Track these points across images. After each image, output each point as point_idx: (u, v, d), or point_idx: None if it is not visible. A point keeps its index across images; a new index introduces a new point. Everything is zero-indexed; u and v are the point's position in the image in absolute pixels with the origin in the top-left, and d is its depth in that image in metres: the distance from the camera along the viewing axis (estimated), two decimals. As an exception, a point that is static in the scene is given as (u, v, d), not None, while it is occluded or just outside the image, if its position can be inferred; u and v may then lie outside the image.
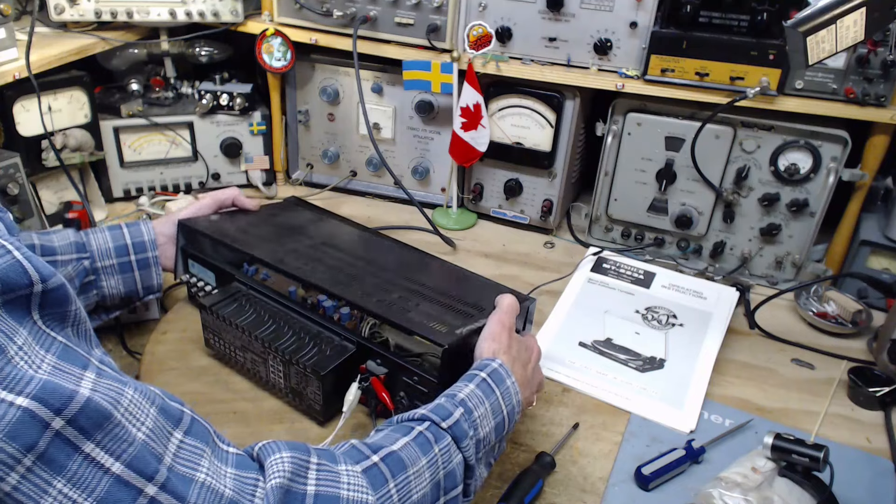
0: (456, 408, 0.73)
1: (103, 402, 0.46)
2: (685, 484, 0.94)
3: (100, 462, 0.46)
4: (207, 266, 1.10)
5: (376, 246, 1.21)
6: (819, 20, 0.87)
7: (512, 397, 0.80)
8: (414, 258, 1.18)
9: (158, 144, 1.57)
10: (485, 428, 0.74)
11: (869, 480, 0.97)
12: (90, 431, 0.45)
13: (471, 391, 0.76)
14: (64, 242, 0.99)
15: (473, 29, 1.39)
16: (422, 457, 0.67)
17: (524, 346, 0.90)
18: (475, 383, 0.77)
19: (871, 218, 1.38)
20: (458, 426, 0.71)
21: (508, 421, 0.79)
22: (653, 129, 1.38)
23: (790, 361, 1.21)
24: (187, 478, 0.50)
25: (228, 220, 1.18)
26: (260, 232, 1.15)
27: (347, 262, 1.08)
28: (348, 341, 0.94)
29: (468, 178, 1.61)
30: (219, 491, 0.51)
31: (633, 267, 1.38)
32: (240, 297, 1.01)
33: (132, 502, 0.46)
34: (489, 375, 0.79)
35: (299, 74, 1.61)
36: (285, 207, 1.31)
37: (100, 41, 1.46)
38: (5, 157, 1.29)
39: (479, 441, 0.73)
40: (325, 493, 0.57)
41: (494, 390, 0.78)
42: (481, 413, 0.75)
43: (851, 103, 1.25)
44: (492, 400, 0.77)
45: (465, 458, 0.71)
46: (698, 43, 1.27)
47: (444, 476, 0.68)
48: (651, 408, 1.07)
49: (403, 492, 0.63)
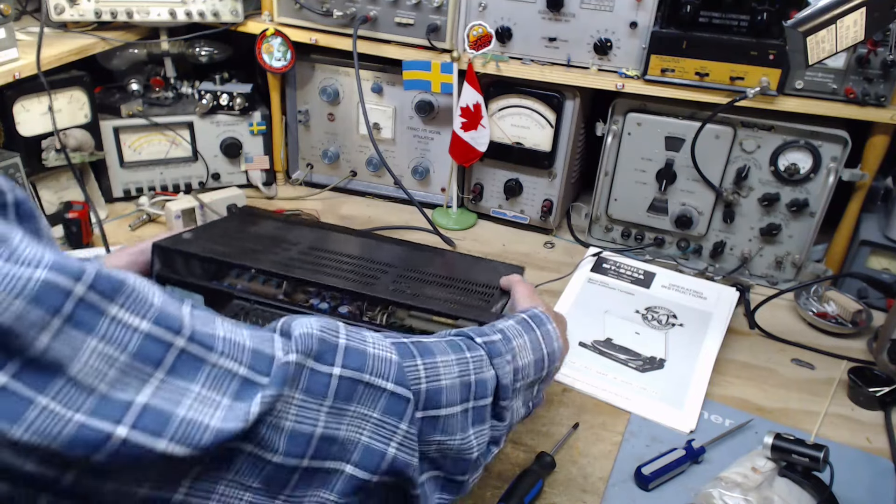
0: (494, 333, 0.73)
1: (113, 274, 0.48)
2: (685, 484, 0.94)
3: (127, 322, 0.47)
4: (193, 289, 1.02)
5: (367, 245, 1.21)
6: (819, 20, 0.87)
7: (553, 341, 0.79)
8: (407, 251, 1.19)
9: (158, 144, 1.57)
10: (524, 358, 0.74)
11: (869, 480, 0.97)
12: (111, 295, 0.47)
13: (511, 325, 0.76)
14: None
15: (473, 29, 1.39)
16: (451, 353, 0.67)
17: (553, 313, 0.89)
18: (515, 320, 0.77)
19: (871, 218, 1.38)
20: (494, 345, 0.71)
21: (549, 361, 0.78)
22: (653, 129, 1.38)
23: (790, 361, 1.21)
24: (209, 333, 0.51)
25: (204, 238, 1.08)
26: (244, 245, 1.09)
27: (350, 262, 1.08)
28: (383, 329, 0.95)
29: (468, 178, 1.61)
30: (239, 342, 0.53)
31: (633, 267, 1.38)
32: (243, 314, 0.98)
33: (164, 353, 0.48)
34: (530, 318, 0.79)
35: (299, 74, 1.61)
36: (245, 218, 1.23)
37: (100, 41, 1.46)
38: (5, 157, 1.29)
39: (516, 369, 0.72)
40: (354, 347, 0.59)
41: (535, 329, 0.77)
42: (520, 343, 0.74)
43: (851, 103, 1.25)
44: (531, 336, 0.76)
45: (497, 375, 0.70)
46: (698, 43, 1.27)
47: (476, 381, 0.67)
48: (651, 408, 1.07)
49: (431, 373, 0.63)
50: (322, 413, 0.55)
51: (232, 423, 0.49)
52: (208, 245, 1.06)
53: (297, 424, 0.53)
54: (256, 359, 0.52)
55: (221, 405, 0.49)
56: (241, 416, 0.49)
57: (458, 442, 0.65)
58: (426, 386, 0.63)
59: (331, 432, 0.56)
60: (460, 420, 0.66)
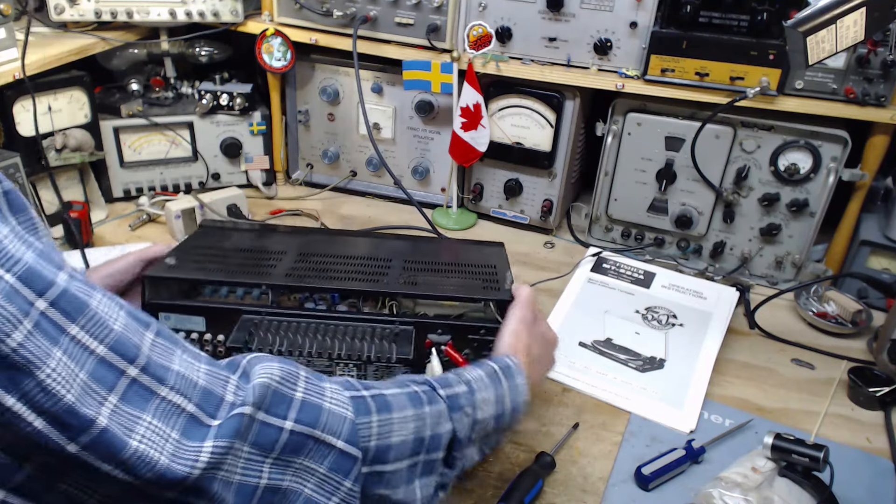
0: (460, 384, 0.74)
1: (79, 294, 0.49)
2: (685, 484, 0.94)
3: (85, 343, 0.49)
4: (193, 312, 0.98)
5: (354, 243, 1.22)
6: (819, 20, 0.87)
7: (519, 395, 0.79)
8: (401, 244, 1.21)
9: (158, 144, 1.57)
10: (485, 412, 0.74)
11: (869, 480, 0.97)
12: (73, 316, 0.48)
13: (479, 375, 0.77)
14: None
15: (473, 29, 1.39)
16: (409, 408, 0.67)
17: (544, 342, 0.90)
18: (485, 371, 0.78)
19: (871, 218, 1.38)
20: (456, 398, 0.72)
21: (511, 415, 0.79)
22: (653, 129, 1.38)
23: (790, 361, 1.21)
24: (164, 366, 0.53)
25: (187, 260, 1.04)
26: (234, 261, 1.06)
27: (350, 262, 1.08)
28: (404, 325, 0.95)
29: (468, 178, 1.61)
30: (192, 379, 0.54)
31: (633, 267, 1.38)
32: (256, 327, 0.96)
33: (116, 380, 0.50)
34: (501, 369, 0.79)
35: (299, 74, 1.61)
36: (213, 233, 1.19)
37: (100, 41, 1.46)
38: (5, 157, 1.29)
39: (475, 421, 0.73)
40: (310, 401, 0.60)
41: (503, 382, 0.78)
42: (484, 397, 0.75)
43: (851, 103, 1.25)
44: (498, 390, 0.77)
45: (455, 429, 0.71)
46: (698, 43, 1.27)
47: (430, 436, 0.69)
48: (651, 408, 1.07)
49: (384, 430, 0.64)
50: (266, 465, 0.57)
51: (180, 465, 0.50)
52: (201, 268, 1.02)
53: (244, 477, 0.55)
54: (206, 399, 0.54)
55: (171, 439, 0.51)
56: (189, 461, 0.51)
57: (402, 495, 0.67)
58: (376, 443, 0.63)
59: (275, 483, 0.57)
60: (406, 474, 0.67)
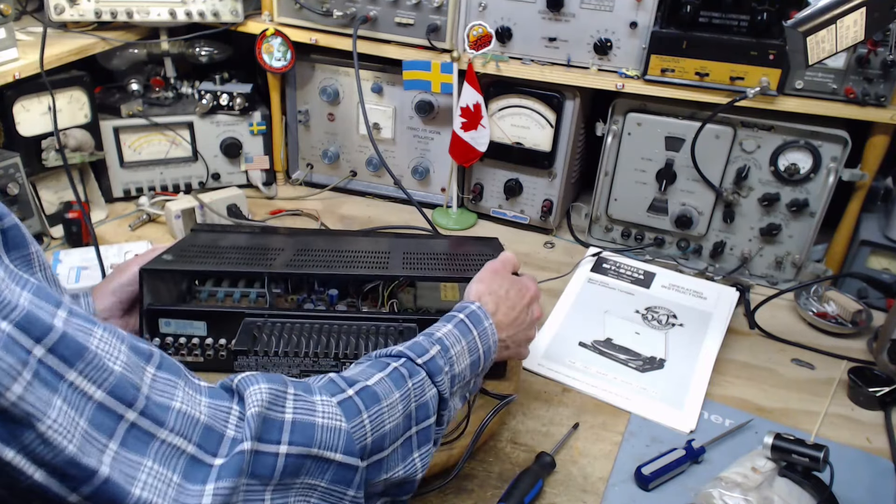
0: (433, 345, 0.76)
1: (77, 336, 0.49)
2: (685, 484, 0.94)
3: (83, 389, 0.48)
4: (194, 317, 0.97)
5: (352, 240, 1.22)
6: (819, 20, 0.87)
7: (489, 337, 0.82)
8: (399, 240, 1.21)
9: (158, 144, 1.57)
10: (460, 364, 0.77)
11: (869, 480, 0.97)
12: (72, 361, 0.48)
13: (448, 330, 0.79)
14: None
15: (473, 29, 1.39)
16: (395, 391, 0.69)
17: (517, 287, 0.92)
18: (453, 323, 0.80)
19: (871, 218, 1.38)
20: (434, 362, 0.74)
21: (484, 359, 0.82)
22: (653, 129, 1.38)
23: (790, 361, 1.21)
24: (164, 405, 0.53)
25: (187, 258, 1.04)
26: (232, 257, 1.06)
27: (348, 255, 1.08)
28: (408, 322, 0.96)
29: (468, 178, 1.61)
30: (194, 417, 0.54)
31: (633, 267, 1.38)
32: (260, 331, 0.95)
33: (115, 426, 0.50)
34: (467, 317, 0.82)
35: (299, 74, 1.61)
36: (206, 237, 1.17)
37: (100, 41, 1.46)
38: (5, 157, 1.29)
39: (454, 376, 0.76)
40: (301, 420, 0.60)
41: (472, 330, 0.81)
42: (457, 350, 0.78)
43: (851, 103, 1.25)
44: (468, 339, 0.80)
45: (439, 391, 0.74)
46: (698, 43, 1.27)
47: (417, 408, 0.71)
48: (651, 408, 1.07)
49: (376, 422, 0.66)
50: (268, 493, 0.57)
51: None
52: (196, 262, 1.02)
53: None
54: (206, 437, 0.54)
55: (172, 484, 0.51)
56: None
57: (402, 471, 0.69)
58: (371, 438, 0.65)
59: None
60: (402, 451, 0.69)
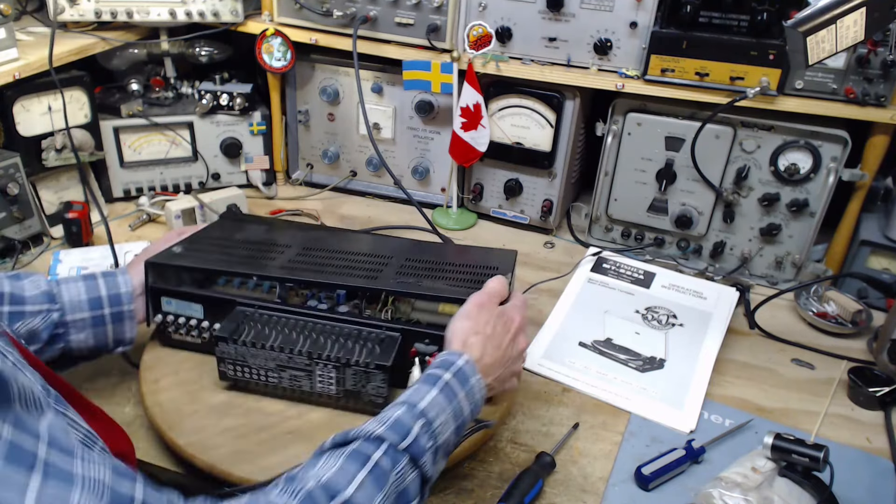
0: (416, 421, 0.71)
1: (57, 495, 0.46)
2: (685, 484, 0.94)
3: None
4: (192, 299, 1.02)
5: (359, 240, 1.21)
6: (819, 20, 0.87)
7: (476, 394, 0.79)
8: (405, 244, 1.20)
9: (158, 144, 1.57)
10: (445, 433, 0.73)
11: (869, 480, 0.97)
12: None
13: (433, 398, 0.74)
14: (35, 292, 0.93)
15: (473, 29, 1.39)
16: (377, 494, 0.65)
17: (502, 320, 0.88)
18: (438, 388, 0.76)
19: (871, 218, 1.38)
20: (416, 444, 0.70)
21: (470, 418, 0.78)
22: (653, 129, 1.38)
23: (790, 361, 1.21)
24: None
25: (194, 250, 1.09)
26: (237, 252, 1.09)
27: (350, 258, 1.08)
28: (391, 330, 0.95)
29: (468, 178, 1.61)
30: None
31: (633, 267, 1.38)
32: (249, 320, 0.97)
33: None
34: (454, 376, 0.78)
35: (299, 74, 1.61)
36: (230, 225, 1.23)
37: (100, 41, 1.46)
38: (5, 157, 1.29)
39: (438, 448, 0.72)
40: None
41: (458, 393, 0.76)
42: (442, 420, 0.73)
43: (851, 103, 1.25)
44: (454, 403, 0.75)
45: (422, 473, 0.70)
46: (698, 43, 1.27)
47: (398, 496, 0.67)
48: (651, 408, 1.07)
49: None
50: None
51: None
52: (202, 256, 1.06)
53: None
54: None
55: None
56: None
57: None
58: None
59: None
60: None
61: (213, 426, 0.93)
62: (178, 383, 1.00)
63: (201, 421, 0.94)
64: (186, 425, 0.93)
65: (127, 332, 1.00)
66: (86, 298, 0.96)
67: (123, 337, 1.00)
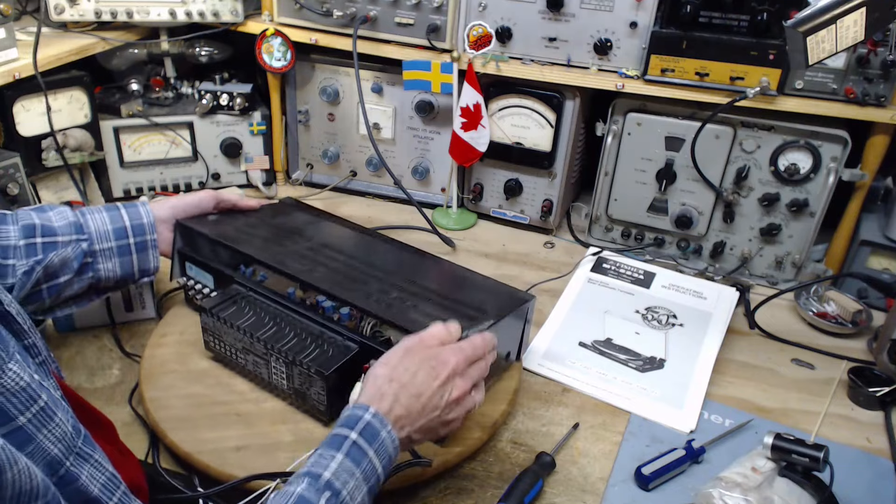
0: (320, 496, 0.66)
1: None
2: (685, 484, 0.94)
3: None
4: (205, 268, 1.10)
5: (375, 247, 1.20)
6: (819, 20, 0.87)
7: (387, 449, 0.73)
8: (414, 259, 1.17)
9: (158, 144, 1.57)
10: (357, 497, 0.69)
11: (869, 480, 0.97)
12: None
13: (339, 465, 0.69)
14: (63, 222, 0.98)
15: (473, 29, 1.39)
16: None
17: (429, 365, 0.79)
18: (344, 451, 0.70)
19: (871, 218, 1.38)
20: None
21: (384, 475, 0.73)
22: (653, 129, 1.38)
23: (790, 361, 1.21)
24: None
25: (226, 222, 1.17)
26: (258, 233, 1.15)
27: (346, 263, 1.08)
28: (351, 341, 0.94)
29: (468, 178, 1.61)
30: None
31: (633, 267, 1.38)
32: (239, 299, 1.01)
33: None
34: (360, 434, 0.71)
35: (299, 74, 1.61)
36: (281, 209, 1.30)
37: (100, 41, 1.46)
38: (5, 157, 1.29)
39: None
40: None
41: (367, 452, 0.71)
42: (351, 487, 0.68)
43: (851, 103, 1.25)
44: (364, 465, 0.70)
45: None
46: (698, 43, 1.27)
47: None
48: (651, 408, 1.07)
49: None
50: None
51: None
52: (222, 228, 1.14)
53: None
54: None
55: None
56: None
57: None
58: None
59: None
60: None
61: (180, 388, 0.99)
62: (178, 342, 1.08)
63: (174, 381, 1.00)
64: (160, 381, 0.99)
65: (151, 261, 1.06)
66: (111, 228, 1.01)
67: (148, 266, 1.06)
